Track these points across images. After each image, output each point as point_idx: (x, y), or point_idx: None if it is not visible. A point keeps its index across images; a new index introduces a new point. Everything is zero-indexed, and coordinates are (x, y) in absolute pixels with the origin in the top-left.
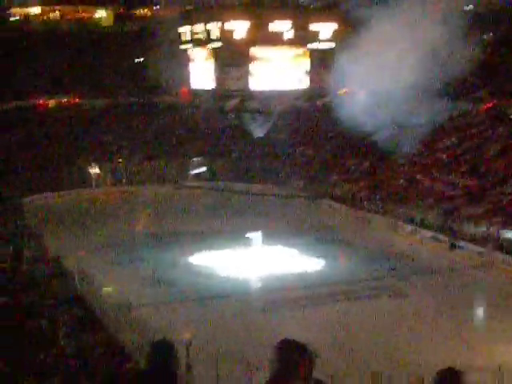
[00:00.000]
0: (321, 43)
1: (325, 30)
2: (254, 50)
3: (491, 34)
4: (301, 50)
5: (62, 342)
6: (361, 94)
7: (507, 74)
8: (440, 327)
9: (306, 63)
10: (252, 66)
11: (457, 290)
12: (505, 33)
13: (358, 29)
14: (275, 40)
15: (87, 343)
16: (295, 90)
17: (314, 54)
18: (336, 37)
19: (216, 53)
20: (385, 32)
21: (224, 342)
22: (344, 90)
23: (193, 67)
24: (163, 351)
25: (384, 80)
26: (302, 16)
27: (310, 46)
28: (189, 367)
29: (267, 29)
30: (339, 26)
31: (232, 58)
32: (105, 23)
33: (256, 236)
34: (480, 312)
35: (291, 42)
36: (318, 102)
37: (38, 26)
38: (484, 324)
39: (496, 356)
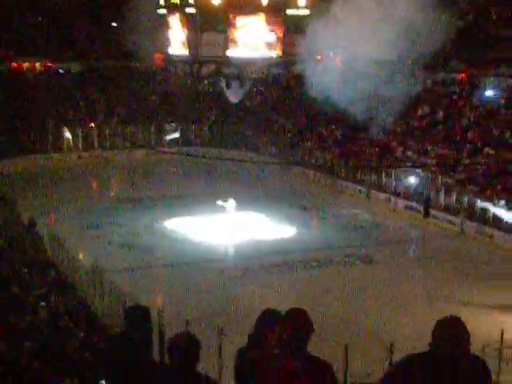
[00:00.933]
0: (298, 9)
1: None
2: (231, 16)
3: (468, 2)
4: (277, 16)
5: (34, 308)
6: (336, 61)
7: (484, 43)
8: (411, 295)
9: (281, 29)
10: (228, 32)
11: (429, 258)
12: (483, 1)
13: None
14: (252, 5)
15: (59, 308)
16: (271, 57)
17: (290, 20)
18: (311, 3)
19: (191, 18)
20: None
21: (196, 307)
22: (318, 57)
23: (169, 32)
24: (139, 315)
25: (358, 49)
26: None
27: (287, 12)
28: (161, 331)
29: None
30: None
31: (208, 23)
32: None
33: (230, 202)
34: (450, 280)
35: (268, 8)
36: (293, 69)
37: None
38: (453, 291)
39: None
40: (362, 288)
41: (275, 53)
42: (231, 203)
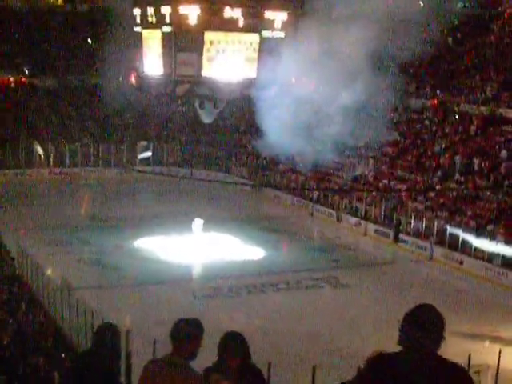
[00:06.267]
0: (273, 32)
1: (278, 19)
2: (207, 36)
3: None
4: (253, 38)
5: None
6: (310, 85)
7: (456, 70)
8: (378, 319)
9: (257, 51)
10: (204, 52)
11: (398, 282)
12: (456, 27)
13: (311, 21)
14: (229, 26)
15: (26, 324)
16: (245, 78)
17: (265, 42)
18: (287, 27)
19: (167, 37)
20: (337, 28)
21: (165, 327)
22: (292, 80)
23: (145, 51)
24: (109, 333)
25: (331, 77)
26: (256, 3)
27: (263, 34)
28: (128, 351)
29: (221, 15)
30: (291, 16)
31: (184, 43)
32: (54, 2)
33: (200, 222)
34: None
35: (245, 30)
36: (266, 92)
37: None
38: None
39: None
40: (329, 311)
41: (250, 74)
42: (198, 222)
